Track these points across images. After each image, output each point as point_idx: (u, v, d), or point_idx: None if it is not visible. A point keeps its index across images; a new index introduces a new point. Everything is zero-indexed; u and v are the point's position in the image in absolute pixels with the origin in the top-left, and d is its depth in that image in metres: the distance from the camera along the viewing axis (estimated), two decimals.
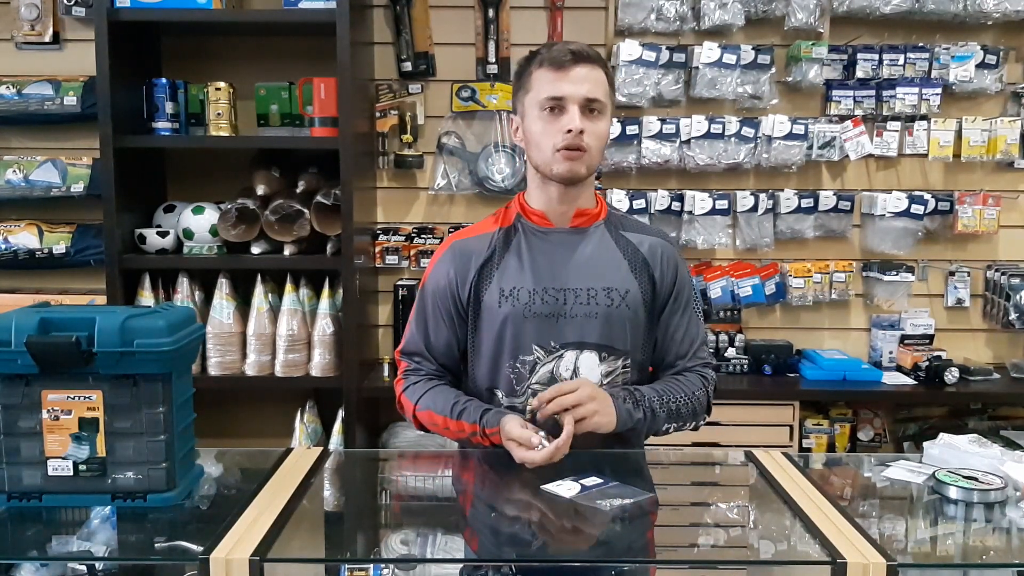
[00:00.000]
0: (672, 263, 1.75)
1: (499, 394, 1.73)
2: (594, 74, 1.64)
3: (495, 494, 1.65)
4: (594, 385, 1.65)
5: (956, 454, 1.59)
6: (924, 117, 3.18)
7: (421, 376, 1.78)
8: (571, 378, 1.68)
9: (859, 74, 3.14)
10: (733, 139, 3.12)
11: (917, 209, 3.15)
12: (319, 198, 2.96)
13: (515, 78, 1.74)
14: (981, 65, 3.14)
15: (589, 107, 1.63)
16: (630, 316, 1.70)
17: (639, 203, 3.16)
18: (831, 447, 3.12)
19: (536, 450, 1.53)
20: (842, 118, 3.18)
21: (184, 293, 3.01)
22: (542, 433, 1.56)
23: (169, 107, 2.95)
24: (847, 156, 3.19)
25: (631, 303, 1.70)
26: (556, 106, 1.63)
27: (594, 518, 1.41)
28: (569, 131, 1.61)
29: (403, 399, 1.79)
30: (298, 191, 3.04)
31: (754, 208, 3.18)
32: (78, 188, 3.08)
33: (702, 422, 1.79)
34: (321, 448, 1.74)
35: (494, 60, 3.17)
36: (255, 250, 3.00)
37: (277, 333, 2.98)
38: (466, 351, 1.78)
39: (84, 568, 1.56)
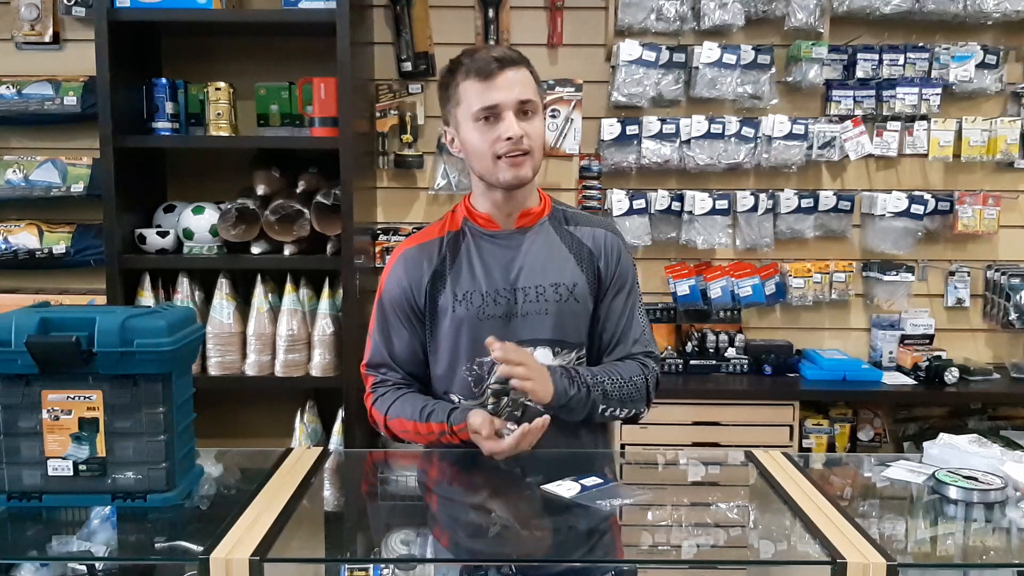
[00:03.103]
0: (616, 251, 1.77)
1: (455, 398, 1.74)
2: (521, 75, 1.65)
3: (495, 494, 1.65)
4: (534, 359, 1.66)
5: (956, 454, 1.59)
6: (924, 117, 3.17)
7: (389, 387, 1.79)
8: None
9: (859, 74, 3.14)
10: (733, 139, 3.12)
11: (917, 209, 3.15)
12: (319, 198, 2.96)
13: (440, 89, 1.73)
14: (981, 65, 3.14)
15: (523, 109, 1.64)
16: (579, 309, 1.73)
17: (639, 203, 3.16)
18: (831, 447, 3.12)
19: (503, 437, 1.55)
20: (842, 118, 3.18)
21: (184, 293, 3.01)
22: (509, 424, 1.58)
23: (169, 107, 2.95)
24: (847, 156, 3.18)
25: (579, 296, 1.72)
26: (491, 115, 1.63)
27: (594, 518, 1.41)
28: (509, 138, 1.62)
29: (374, 412, 1.79)
30: (298, 191, 3.04)
31: (754, 208, 3.18)
32: (78, 188, 3.08)
33: (643, 412, 1.78)
34: (321, 448, 1.74)
35: None
36: (255, 250, 3.00)
37: (277, 333, 2.98)
38: (426, 356, 1.79)
39: (84, 568, 1.56)
